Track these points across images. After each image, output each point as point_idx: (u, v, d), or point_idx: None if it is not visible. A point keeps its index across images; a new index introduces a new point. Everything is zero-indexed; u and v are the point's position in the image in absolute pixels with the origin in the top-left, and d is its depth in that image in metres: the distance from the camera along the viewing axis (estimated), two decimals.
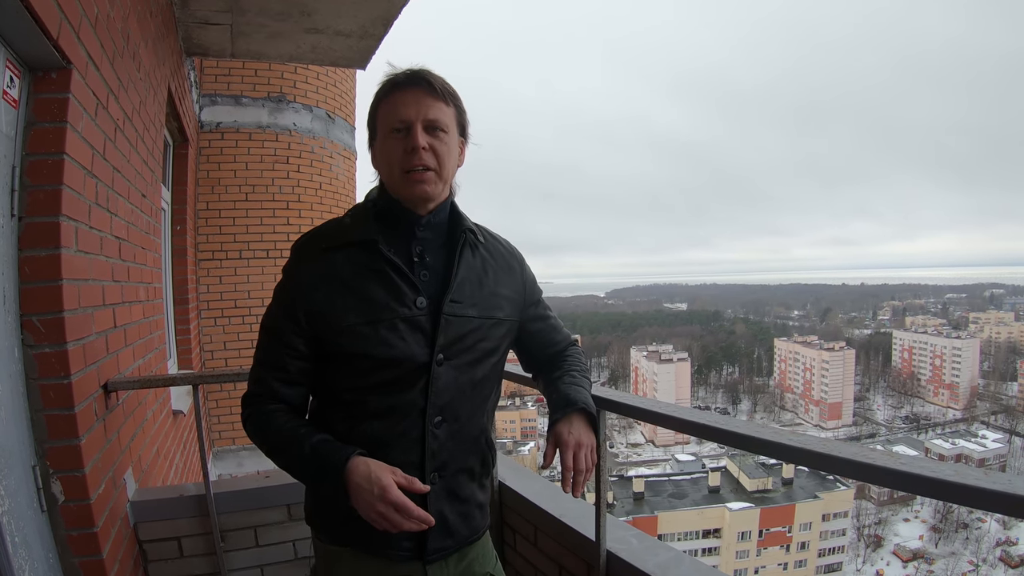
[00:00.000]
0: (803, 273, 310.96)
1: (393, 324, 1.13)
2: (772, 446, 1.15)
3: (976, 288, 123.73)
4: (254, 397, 1.21)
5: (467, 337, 1.19)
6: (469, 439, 1.24)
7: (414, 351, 1.14)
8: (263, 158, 5.22)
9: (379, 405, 1.15)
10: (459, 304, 1.19)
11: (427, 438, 1.16)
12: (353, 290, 1.14)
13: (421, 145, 1.13)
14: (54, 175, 1.53)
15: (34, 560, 1.43)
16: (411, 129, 1.14)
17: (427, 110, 1.15)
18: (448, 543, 1.23)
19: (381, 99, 1.18)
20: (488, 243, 1.31)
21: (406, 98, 1.15)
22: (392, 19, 3.61)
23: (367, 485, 1.04)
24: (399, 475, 1.08)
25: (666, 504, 37.93)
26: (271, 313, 1.21)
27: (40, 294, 1.50)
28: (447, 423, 1.19)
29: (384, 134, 1.17)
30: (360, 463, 1.07)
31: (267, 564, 2.19)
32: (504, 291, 1.28)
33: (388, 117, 1.16)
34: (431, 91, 1.16)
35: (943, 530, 48.18)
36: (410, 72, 1.17)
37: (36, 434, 1.52)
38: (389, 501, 1.04)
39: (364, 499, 1.05)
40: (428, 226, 1.22)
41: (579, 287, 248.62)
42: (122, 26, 2.14)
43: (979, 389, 77.39)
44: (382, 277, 1.15)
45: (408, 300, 1.15)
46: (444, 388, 1.17)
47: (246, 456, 5.02)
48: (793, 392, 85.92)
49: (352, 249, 1.17)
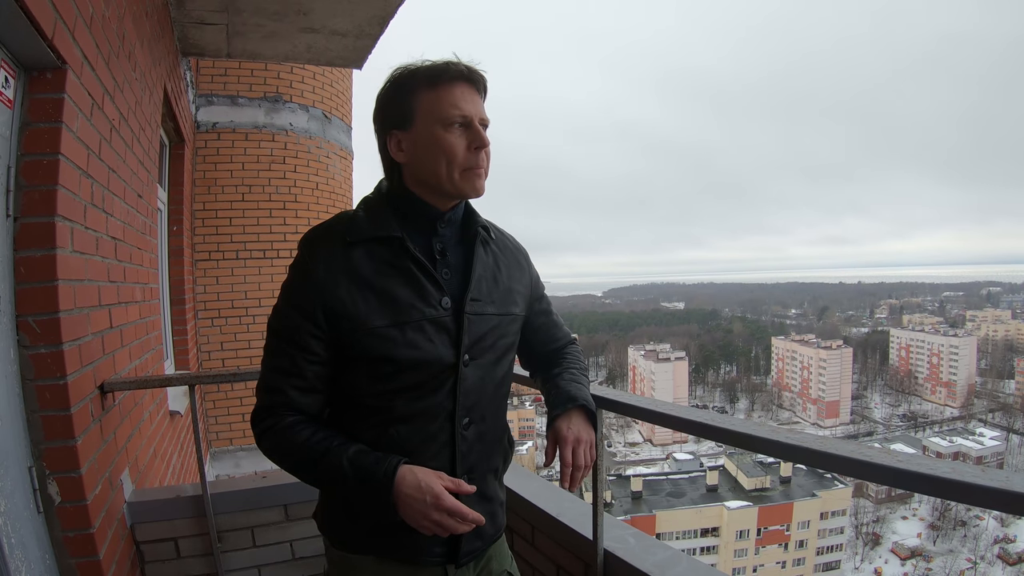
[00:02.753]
0: (800, 272, 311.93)
1: (420, 325, 1.09)
2: (770, 444, 1.15)
3: (973, 286, 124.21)
4: (268, 410, 1.12)
5: (488, 335, 1.17)
6: (494, 439, 1.24)
7: (441, 353, 1.10)
8: (259, 158, 5.21)
9: (406, 410, 1.10)
10: (479, 302, 1.16)
11: (457, 440, 1.13)
12: (376, 289, 1.07)
13: (488, 144, 1.12)
14: (49, 175, 1.52)
15: (31, 561, 1.43)
16: (472, 126, 1.10)
17: (482, 110, 1.12)
18: (478, 544, 1.22)
19: (426, 86, 1.10)
20: (498, 239, 1.28)
21: (466, 93, 1.10)
22: (388, 18, 3.60)
23: (418, 495, 1.01)
24: (446, 479, 1.05)
25: (664, 503, 37.99)
26: (282, 314, 1.11)
27: (36, 295, 1.50)
28: (475, 424, 1.16)
29: (433, 124, 1.09)
30: (407, 472, 1.03)
31: (264, 564, 2.19)
32: (517, 286, 1.27)
33: (442, 108, 1.08)
34: (482, 92, 1.14)
35: (941, 528, 48.34)
36: (469, 67, 1.11)
37: (32, 435, 1.51)
38: (444, 508, 1.01)
39: (416, 509, 1.01)
40: (448, 223, 1.18)
41: (576, 286, 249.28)
42: (117, 26, 2.13)
43: (976, 387, 77.69)
44: (407, 275, 1.10)
45: (433, 300, 1.10)
46: (471, 389, 1.14)
47: (243, 456, 5.00)
48: (791, 390, 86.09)
49: (372, 244, 1.10)
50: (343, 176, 5.87)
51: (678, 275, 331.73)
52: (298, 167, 5.38)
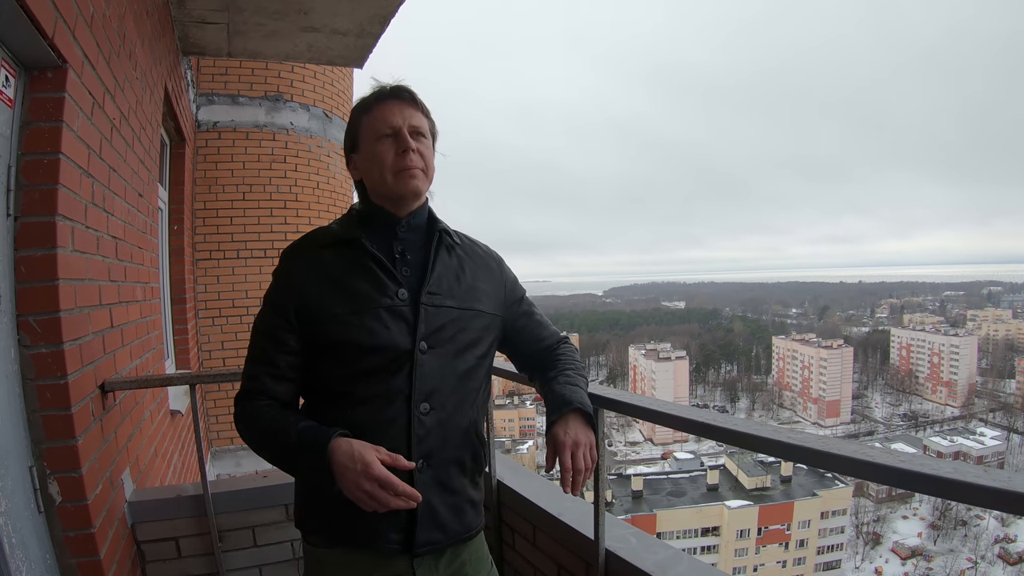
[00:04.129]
0: (800, 271, 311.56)
1: (376, 313, 1.19)
2: (771, 444, 1.14)
3: (974, 286, 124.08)
4: (245, 394, 1.24)
5: (448, 327, 1.25)
6: (458, 430, 1.26)
7: (397, 339, 1.19)
8: (260, 157, 5.21)
9: (365, 392, 1.18)
10: (437, 296, 1.25)
11: (413, 423, 1.19)
12: (340, 284, 1.20)
13: (412, 147, 1.24)
14: (50, 175, 1.52)
15: (31, 561, 1.43)
16: (399, 133, 1.24)
17: (411, 117, 1.26)
18: (438, 536, 1.23)
19: (363, 112, 1.28)
20: (465, 245, 1.38)
21: (392, 107, 1.25)
22: (389, 17, 3.60)
23: (350, 464, 1.06)
24: (383, 452, 1.10)
25: (665, 502, 37.98)
26: (262, 314, 1.26)
27: (36, 294, 1.50)
28: (434, 411, 1.21)
29: (371, 141, 1.25)
30: (343, 442, 1.09)
31: (265, 564, 2.19)
32: (483, 286, 1.34)
33: (375, 125, 1.25)
34: (412, 102, 1.28)
35: (942, 527, 48.32)
36: (391, 86, 1.28)
37: (33, 435, 1.51)
38: (373, 476, 1.05)
39: (349, 478, 1.06)
40: (408, 227, 1.30)
41: (577, 286, 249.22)
42: (118, 25, 2.13)
43: (977, 386, 77.64)
44: (366, 271, 1.22)
45: (390, 292, 1.21)
46: (428, 375, 1.21)
47: (244, 456, 5.01)
48: (791, 390, 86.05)
49: (339, 247, 1.24)
50: (344, 175, 5.85)
51: (678, 274, 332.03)
52: (299, 166, 5.38)
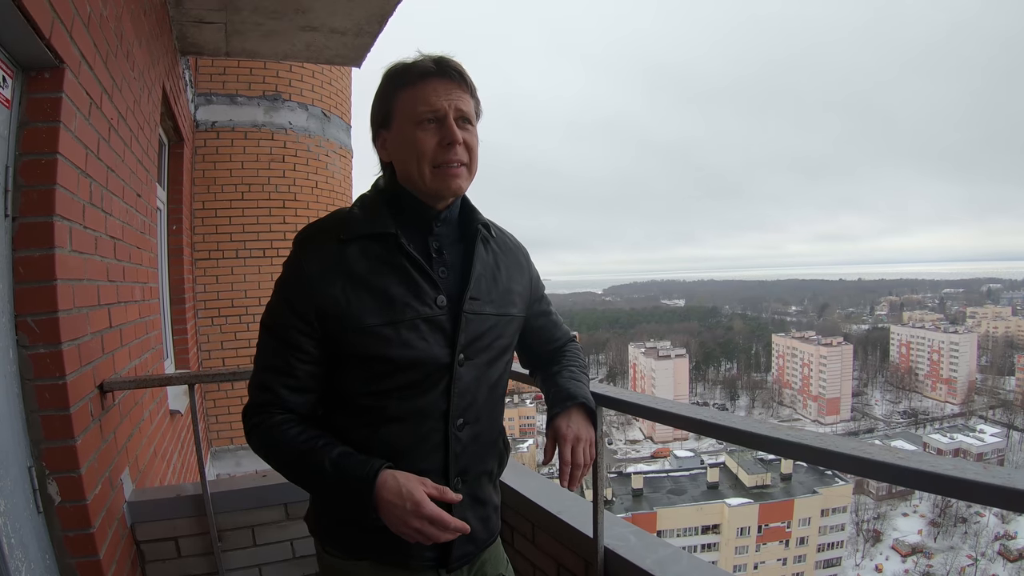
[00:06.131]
0: (800, 269, 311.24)
1: (414, 324, 1.06)
2: (771, 442, 1.14)
3: (973, 283, 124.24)
4: (258, 408, 1.11)
5: (485, 335, 1.15)
6: (489, 441, 1.22)
7: (436, 352, 1.08)
8: (259, 157, 5.20)
9: (399, 409, 1.08)
10: (477, 302, 1.13)
11: (450, 442, 1.11)
12: (369, 287, 1.05)
13: (459, 139, 1.07)
14: (48, 175, 1.51)
15: (30, 561, 1.43)
16: (445, 121, 1.07)
17: (458, 100, 1.08)
18: (470, 548, 1.20)
19: (401, 86, 1.09)
20: (499, 238, 1.26)
21: (437, 87, 1.07)
22: (387, 16, 3.59)
23: (399, 501, 0.98)
24: (429, 486, 1.02)
25: (665, 500, 38.03)
26: (274, 311, 1.10)
27: (35, 294, 1.49)
28: (469, 425, 1.14)
29: (407, 122, 1.08)
30: (389, 477, 1.00)
31: (265, 563, 2.19)
32: (516, 287, 1.24)
33: (415, 106, 1.07)
34: (460, 82, 1.09)
35: (942, 524, 48.41)
36: (440, 60, 1.08)
37: (32, 435, 1.51)
38: (424, 515, 0.98)
39: (396, 515, 0.99)
40: (445, 221, 1.16)
41: (576, 284, 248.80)
42: (115, 25, 2.13)
43: (977, 384, 77.75)
44: (401, 273, 1.07)
45: (429, 299, 1.08)
46: (466, 389, 1.12)
47: (244, 455, 5.00)
48: (791, 388, 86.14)
49: (366, 242, 1.08)
50: (343, 175, 5.86)
51: (678, 272, 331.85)
52: (297, 166, 5.37)
